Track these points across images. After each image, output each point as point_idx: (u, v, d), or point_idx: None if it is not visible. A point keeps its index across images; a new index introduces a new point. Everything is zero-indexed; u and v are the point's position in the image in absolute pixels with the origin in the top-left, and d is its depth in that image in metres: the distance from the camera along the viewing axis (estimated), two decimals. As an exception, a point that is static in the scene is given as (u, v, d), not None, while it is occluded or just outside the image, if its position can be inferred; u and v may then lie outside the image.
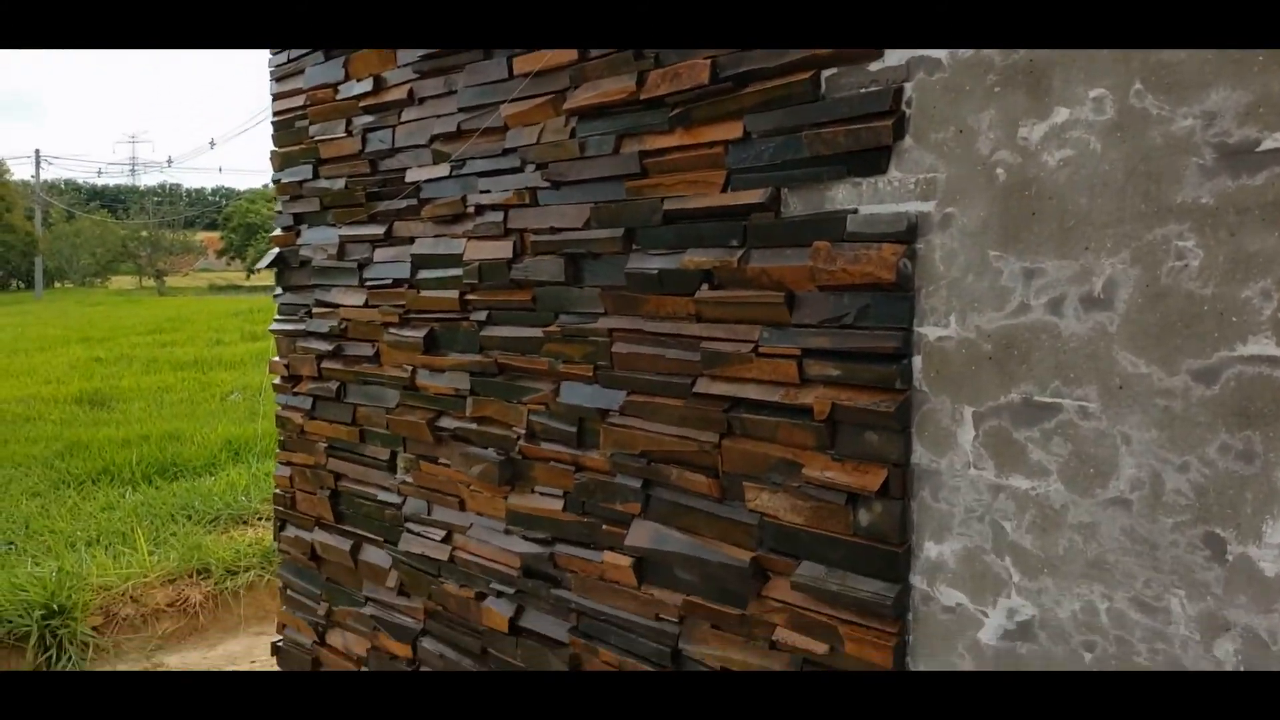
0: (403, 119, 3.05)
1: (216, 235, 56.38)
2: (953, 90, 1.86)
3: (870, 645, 2.01)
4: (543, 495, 2.72)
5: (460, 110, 2.85)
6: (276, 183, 3.62)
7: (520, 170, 2.71)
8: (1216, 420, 1.58)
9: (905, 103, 1.93)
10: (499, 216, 2.77)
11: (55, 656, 5.34)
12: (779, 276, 2.13)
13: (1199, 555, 1.60)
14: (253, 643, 5.81)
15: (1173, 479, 1.63)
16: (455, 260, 2.91)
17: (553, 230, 2.62)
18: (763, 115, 2.15)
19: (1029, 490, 1.80)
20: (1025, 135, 1.77)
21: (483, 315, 2.85)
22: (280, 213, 3.64)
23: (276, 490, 3.79)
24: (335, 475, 3.48)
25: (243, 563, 6.23)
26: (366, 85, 3.14)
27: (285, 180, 3.56)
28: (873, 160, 1.98)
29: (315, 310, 3.51)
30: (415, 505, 3.14)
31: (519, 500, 2.78)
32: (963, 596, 1.90)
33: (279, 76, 3.56)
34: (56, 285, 45.39)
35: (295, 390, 3.64)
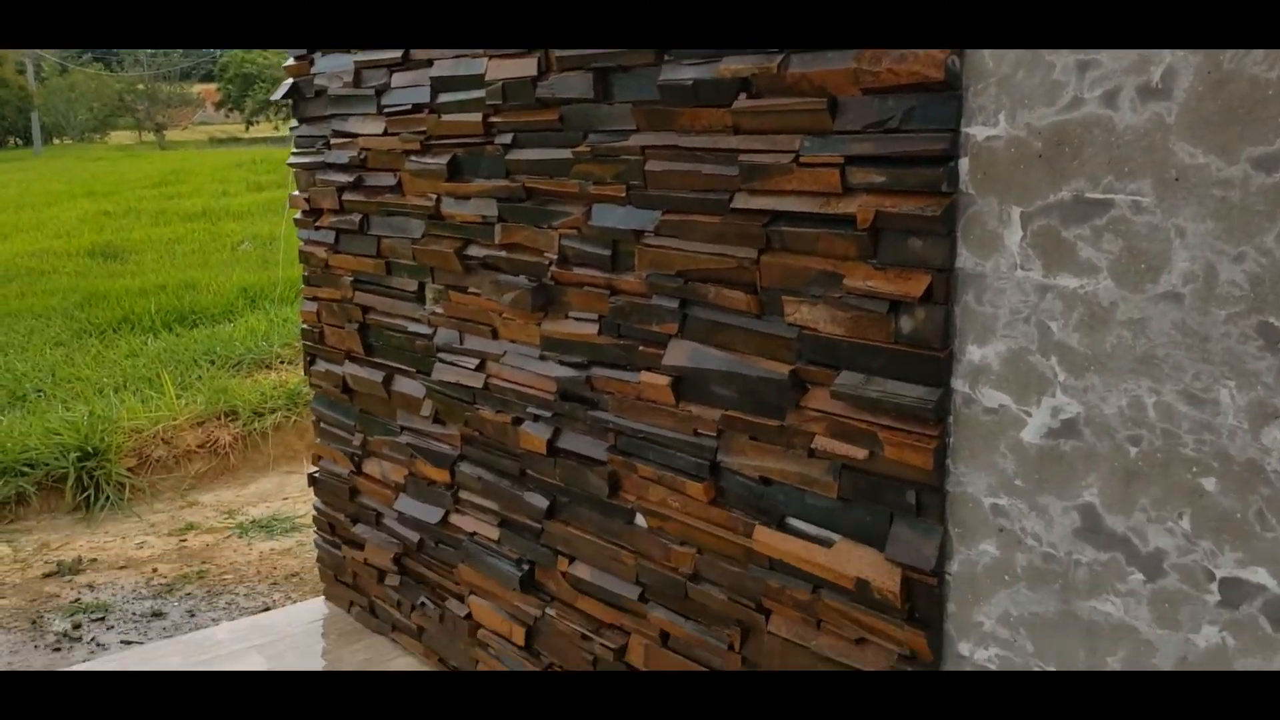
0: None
1: (213, 87, 55.14)
2: None
3: (910, 449, 2.04)
4: (577, 320, 2.72)
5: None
6: (286, 9, 3.50)
7: (543, -17, 2.61)
8: (1276, 208, 1.55)
9: (956, -112, 1.83)
10: (522, 33, 2.68)
11: (93, 497, 5.48)
12: (820, 81, 2.07)
13: (1251, 345, 1.60)
14: (283, 480, 5.96)
15: (1227, 270, 1.61)
16: (477, 81, 2.84)
17: (579, 45, 2.54)
18: (802, -91, 2.05)
19: (1077, 289, 1.79)
20: (1085, -83, 1.69)
21: (508, 138, 2.80)
22: (292, 41, 3.53)
23: (304, 325, 3.81)
24: (363, 309, 3.48)
25: (268, 405, 6.34)
26: (376, -101, 3.00)
27: (295, 6, 3.44)
28: (920, -48, 1.90)
29: (333, 141, 3.45)
30: (446, 335, 3.16)
31: (553, 326, 2.79)
32: (1005, 398, 1.91)
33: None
34: (55, 142, 44.75)
35: (317, 225, 3.61)
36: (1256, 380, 1.60)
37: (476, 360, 3.05)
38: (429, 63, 3.01)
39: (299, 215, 3.71)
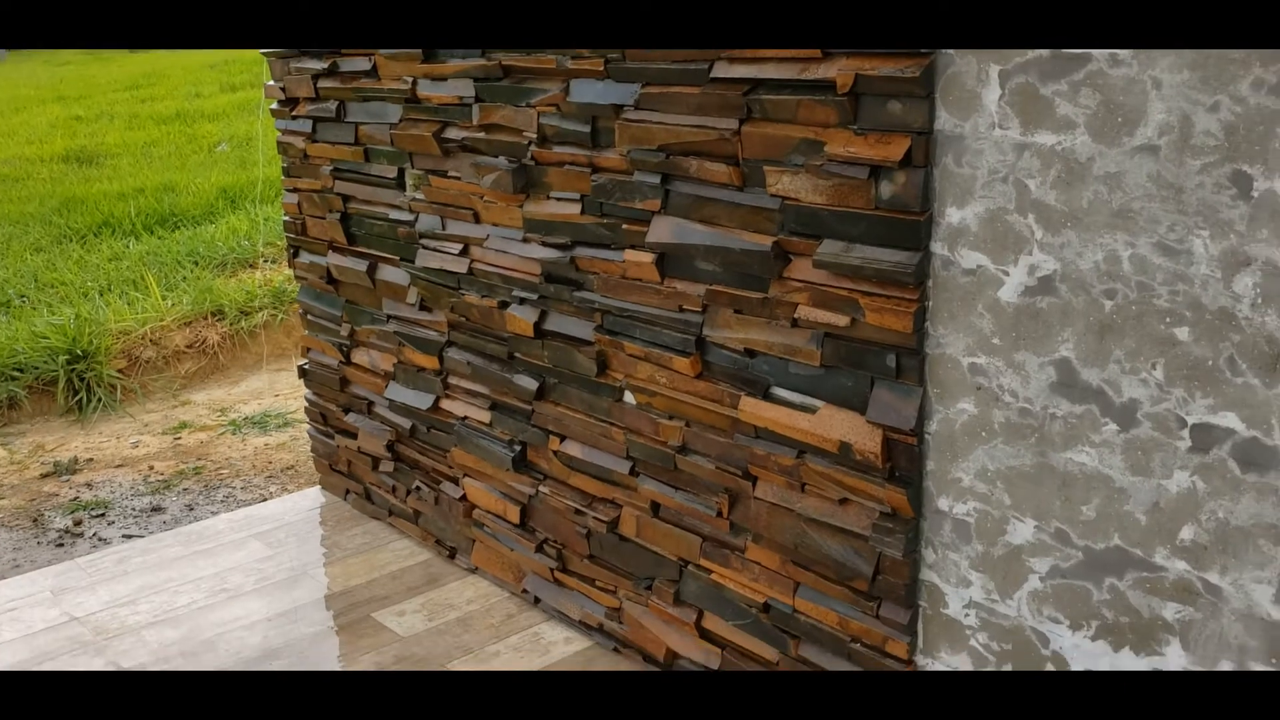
0: None
1: (178, -15, 53.52)
2: None
3: (890, 313, 2.07)
4: (559, 200, 2.72)
5: None
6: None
7: None
8: (1249, 55, 1.55)
9: None
10: (493, -95, 2.62)
11: (85, 399, 5.51)
12: (796, -56, 2.04)
13: (1224, 195, 1.62)
14: (274, 378, 5.99)
15: (1202, 120, 1.62)
16: (450, -42, 2.77)
17: (552, -85, 2.49)
18: None
19: (1055, 145, 1.79)
20: None
21: (483, 16, 2.75)
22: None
23: (286, 217, 3.79)
24: (344, 198, 3.47)
25: (255, 303, 6.32)
26: None
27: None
28: None
29: (306, 27, 3.38)
30: (428, 221, 3.15)
31: (535, 207, 2.79)
32: (983, 258, 1.93)
33: None
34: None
35: (294, 114, 3.57)
36: (1229, 229, 1.63)
37: (460, 245, 3.05)
38: (399, -60, 2.94)
39: (275, 105, 3.66)
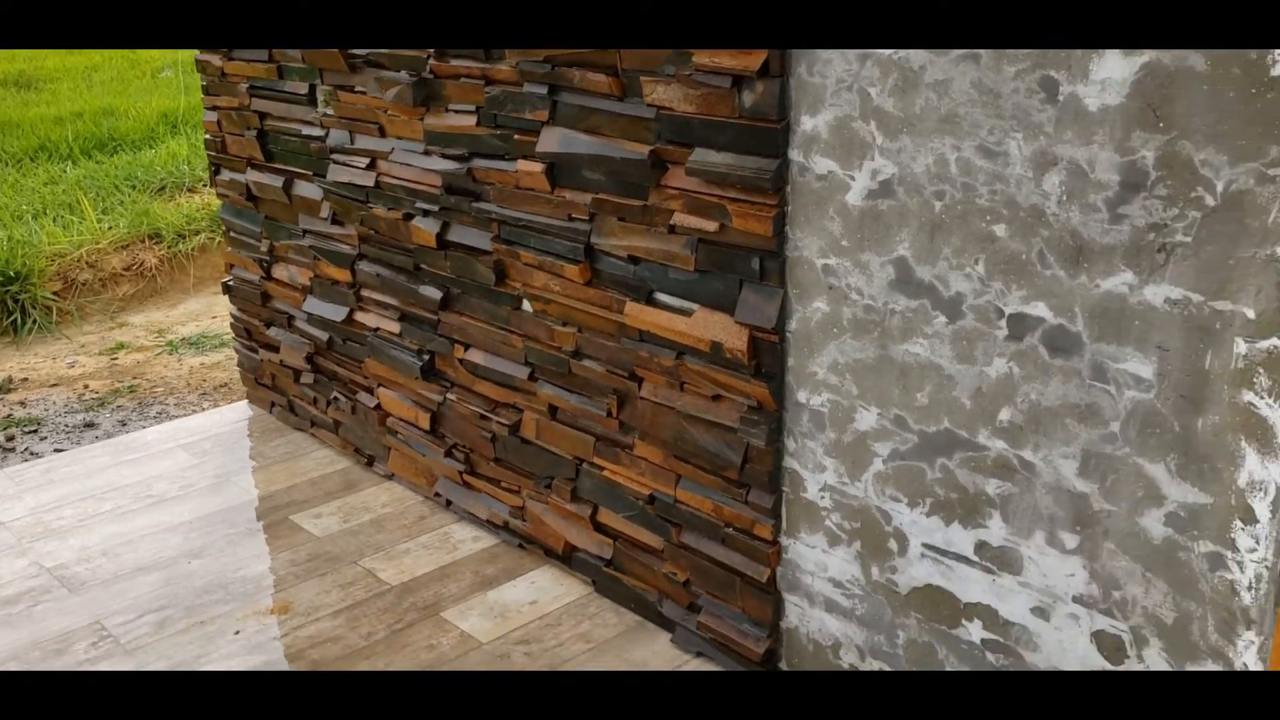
0: None
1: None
2: None
3: (753, 218, 2.20)
4: (456, 113, 2.81)
5: None
6: None
7: None
8: (1056, -32, 1.67)
9: None
10: None
11: (20, 321, 5.56)
12: None
13: (1035, 99, 1.75)
14: (211, 301, 6.05)
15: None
16: (349, -126, 2.82)
17: None
18: None
19: (891, 55, 1.91)
20: None
21: (382, -69, 2.81)
22: None
23: (207, 136, 3.85)
24: (260, 115, 3.53)
25: (192, 227, 6.35)
26: None
27: None
28: None
29: (217, -57, 3.41)
30: (338, 136, 3.23)
31: (435, 120, 2.87)
32: (833, 164, 2.06)
33: None
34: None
35: (209, 31, 3.60)
36: (1039, 131, 1.76)
37: (367, 159, 3.14)
38: None
39: (190, 22, 3.69)
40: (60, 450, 4.22)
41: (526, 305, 2.81)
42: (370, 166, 3.13)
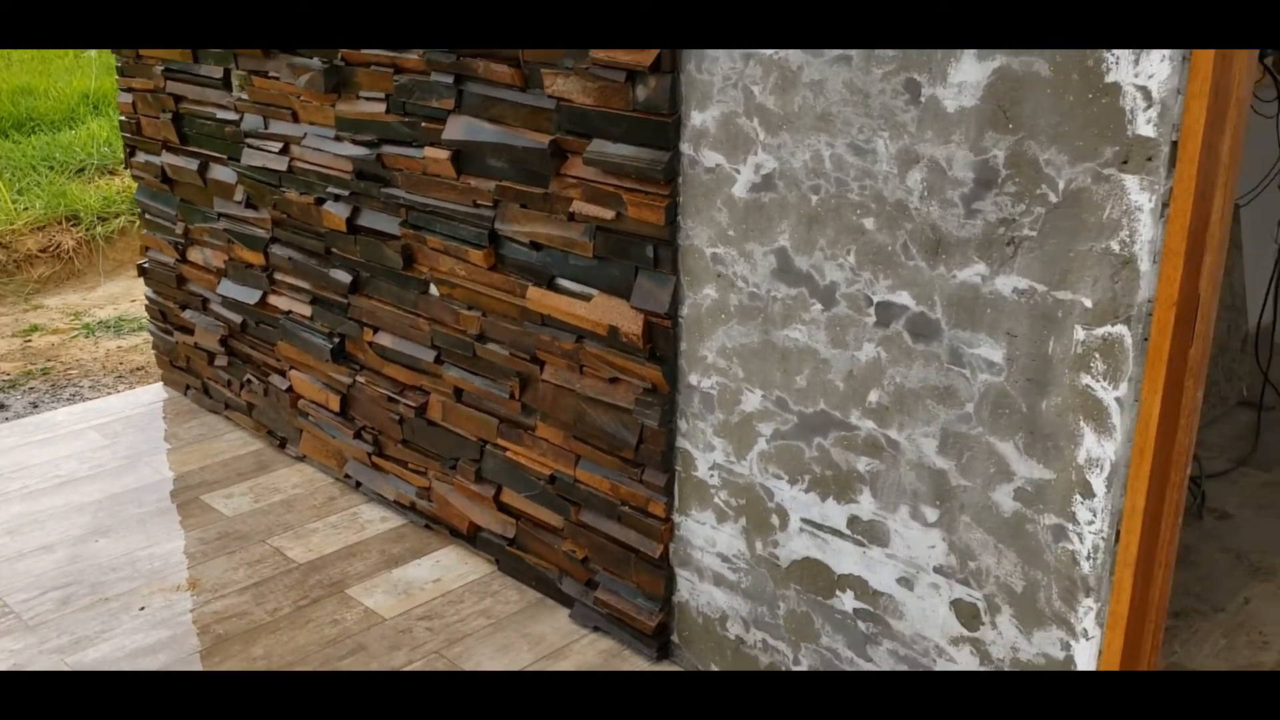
0: None
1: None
2: None
3: (647, 208, 2.29)
4: (367, 100, 2.87)
5: None
6: None
7: None
8: (918, -23, 1.78)
9: None
10: None
11: (-69, 301, 5.47)
12: None
13: (900, 100, 1.86)
14: (130, 284, 6.00)
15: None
16: None
17: None
18: None
19: (772, 55, 2.02)
20: None
21: (295, -81, 2.85)
22: None
23: (122, 117, 3.85)
24: (175, 98, 3.54)
25: (112, 210, 6.29)
26: None
27: None
28: None
29: (132, -75, 3.42)
30: (252, 121, 3.26)
31: (346, 107, 2.93)
32: (720, 157, 2.16)
33: None
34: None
35: (124, 13, 3.61)
36: (904, 130, 1.87)
37: (280, 144, 3.18)
38: None
39: (105, 3, 3.69)
40: (-32, 431, 4.18)
41: (433, 289, 2.88)
42: (283, 151, 3.17)
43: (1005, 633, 1.97)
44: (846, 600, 2.20)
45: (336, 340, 3.23)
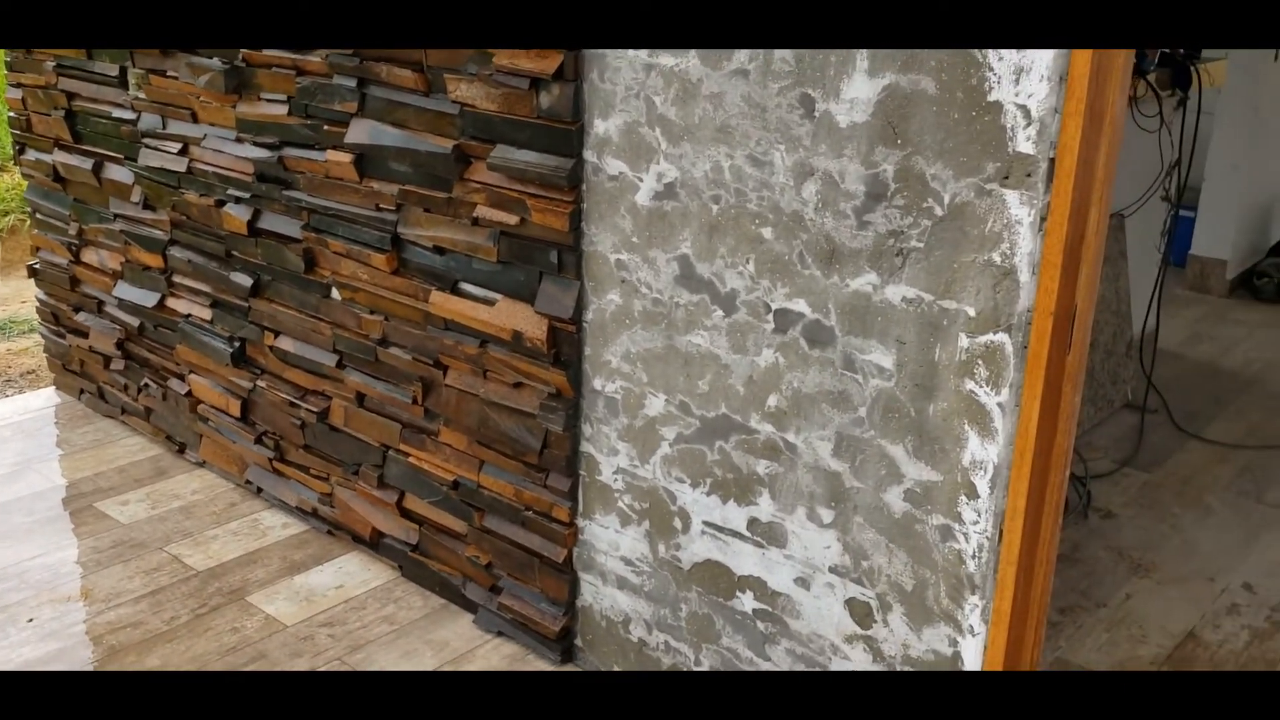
0: None
1: None
2: None
3: (551, 214, 2.31)
4: (268, 102, 2.83)
5: None
6: None
7: None
8: (813, -6, 1.84)
9: None
10: None
11: None
12: None
13: (795, 114, 1.91)
14: (21, 285, 5.80)
15: (780, 49, 1.90)
16: None
17: None
18: None
19: (673, 67, 2.05)
20: None
21: (194, -83, 2.81)
22: None
23: (11, 113, 3.73)
24: (68, 95, 3.45)
25: (1, 207, 6.08)
26: None
27: None
28: None
29: (22, -84, 3.32)
30: (150, 120, 3.19)
31: (247, 108, 2.89)
32: (624, 165, 2.19)
33: None
34: None
35: (14, 6, 3.50)
36: (799, 144, 1.93)
37: (179, 144, 3.12)
38: None
39: (-7, -4, 3.57)
40: None
41: (335, 293, 2.86)
42: (182, 152, 3.12)
43: (896, 630, 2.03)
44: (746, 601, 2.25)
45: (237, 344, 3.18)
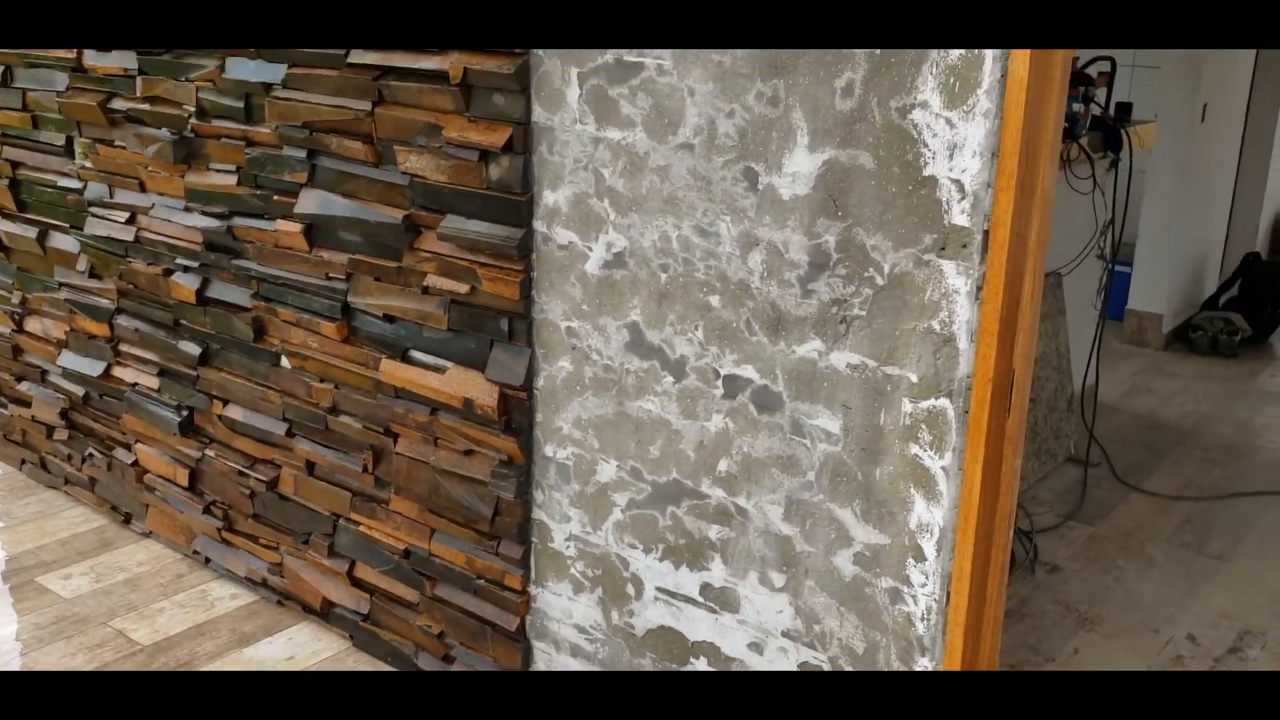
0: None
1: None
2: None
3: (502, 282, 2.33)
4: (218, 172, 2.84)
5: None
6: None
7: None
8: (754, 72, 1.90)
9: None
10: (149, -116, 2.71)
11: None
12: (415, -53, 2.26)
13: (740, 186, 1.96)
14: (-39, 352, 5.70)
15: (723, 124, 1.96)
16: (109, -69, 2.83)
17: (204, -101, 2.61)
18: None
19: (621, 140, 2.10)
20: None
21: (143, -10, 2.83)
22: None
23: (-47, 183, 3.70)
24: (12, 164, 3.43)
25: (-59, 274, 5.98)
26: None
27: None
28: None
29: (-32, -12, 3.32)
30: (97, 189, 3.19)
31: (196, 178, 2.89)
32: (573, 235, 2.22)
33: None
34: None
35: (-42, 76, 3.49)
36: (744, 215, 1.97)
37: (127, 214, 3.11)
38: (60, -91, 2.96)
39: (-63, 65, 3.56)
40: None
41: (285, 362, 2.85)
42: (130, 221, 3.11)
43: (849, 693, 2.05)
44: (700, 666, 2.26)
45: (185, 413, 3.15)
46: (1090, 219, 3.81)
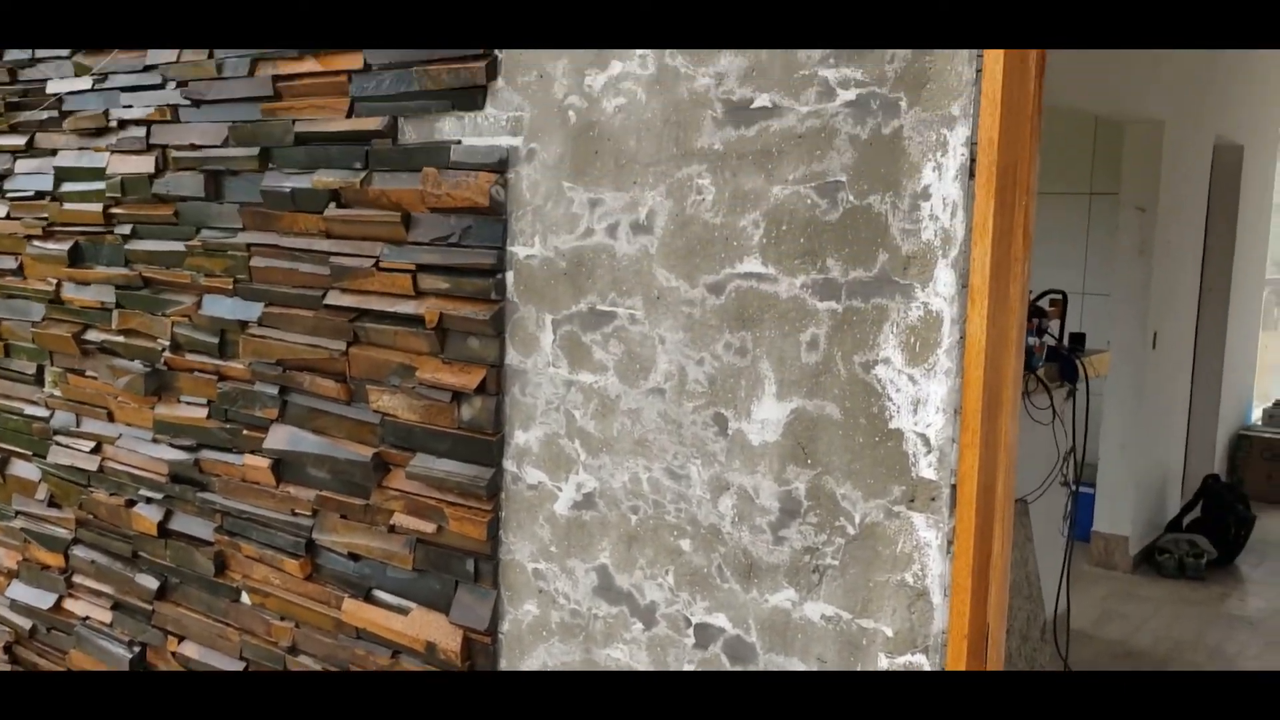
0: (41, 28, 3.01)
1: None
2: (534, 39, 2.13)
3: (469, 522, 2.31)
4: (188, 404, 2.85)
5: (100, 24, 2.86)
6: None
7: (161, 87, 2.78)
8: (723, 323, 1.96)
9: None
10: (141, 132, 2.83)
11: None
12: (396, 198, 2.36)
13: (710, 431, 1.99)
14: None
15: (693, 371, 2.00)
16: (98, 174, 2.94)
17: (194, 147, 2.72)
18: (380, 50, 2.35)
19: (593, 383, 2.13)
20: (590, 83, 2.08)
21: (127, 229, 2.92)
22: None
23: (-83, 408, 3.67)
24: (-20, 390, 3.42)
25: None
26: (2, -9, 3.07)
27: (-84, 84, 3.41)
28: (471, 97, 2.24)
29: (-46, 221, 3.40)
30: (64, 418, 3.17)
31: (166, 410, 2.89)
32: (543, 475, 2.23)
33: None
34: None
35: (-65, 304, 3.53)
36: (714, 459, 1.99)
37: (92, 443, 3.09)
38: (53, 152, 3.08)
39: (-85, 293, 3.60)
40: None
41: (245, 597, 2.78)
42: (95, 450, 3.08)
43: None
44: None
45: (137, 649, 3.03)
46: (1052, 446, 3.87)
